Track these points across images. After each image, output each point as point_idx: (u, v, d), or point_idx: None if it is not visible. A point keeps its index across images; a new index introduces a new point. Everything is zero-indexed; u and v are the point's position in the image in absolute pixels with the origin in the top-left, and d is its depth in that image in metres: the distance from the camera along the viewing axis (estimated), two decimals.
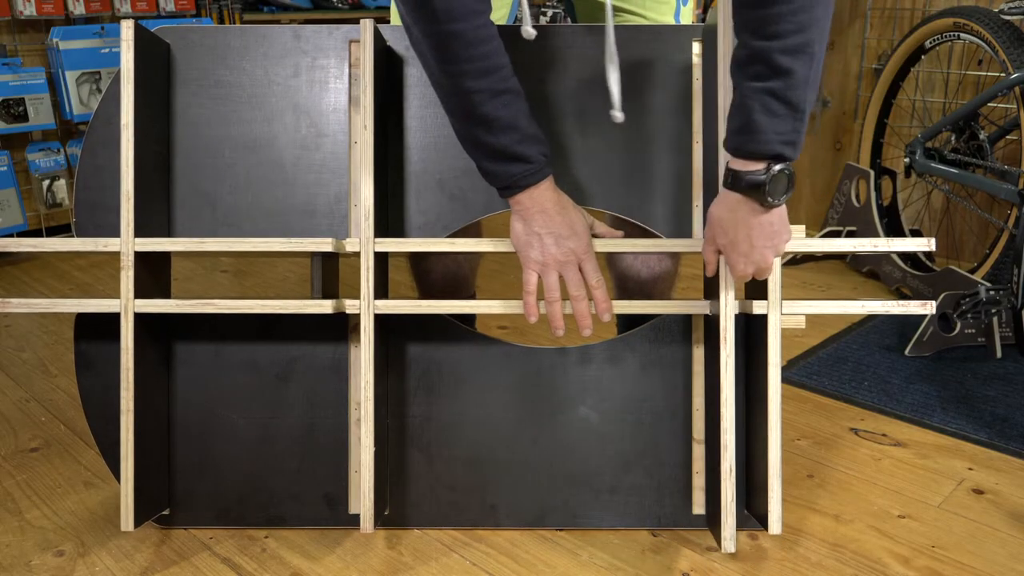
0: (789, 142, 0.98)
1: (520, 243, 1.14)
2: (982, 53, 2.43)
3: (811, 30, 0.93)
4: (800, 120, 0.97)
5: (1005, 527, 1.33)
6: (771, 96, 0.96)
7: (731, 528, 1.15)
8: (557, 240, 1.12)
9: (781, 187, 1.00)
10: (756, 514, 1.23)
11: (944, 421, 1.67)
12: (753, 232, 1.04)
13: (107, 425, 1.25)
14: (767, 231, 1.05)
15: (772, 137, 0.97)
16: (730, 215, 1.05)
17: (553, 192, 1.11)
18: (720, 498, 1.15)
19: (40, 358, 1.98)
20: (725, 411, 1.15)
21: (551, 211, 1.11)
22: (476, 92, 1.03)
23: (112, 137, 1.20)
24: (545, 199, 1.10)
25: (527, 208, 1.11)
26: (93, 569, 1.23)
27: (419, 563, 1.24)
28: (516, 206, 1.12)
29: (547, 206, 1.11)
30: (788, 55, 0.94)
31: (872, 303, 1.19)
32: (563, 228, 1.12)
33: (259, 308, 1.19)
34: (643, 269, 1.39)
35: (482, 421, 1.30)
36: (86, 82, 2.78)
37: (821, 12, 0.94)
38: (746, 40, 0.97)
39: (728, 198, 1.04)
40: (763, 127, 0.97)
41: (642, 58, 1.25)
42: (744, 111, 0.98)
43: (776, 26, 0.93)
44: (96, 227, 1.24)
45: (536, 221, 1.11)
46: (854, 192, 2.60)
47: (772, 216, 1.04)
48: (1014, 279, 1.83)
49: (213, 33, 1.26)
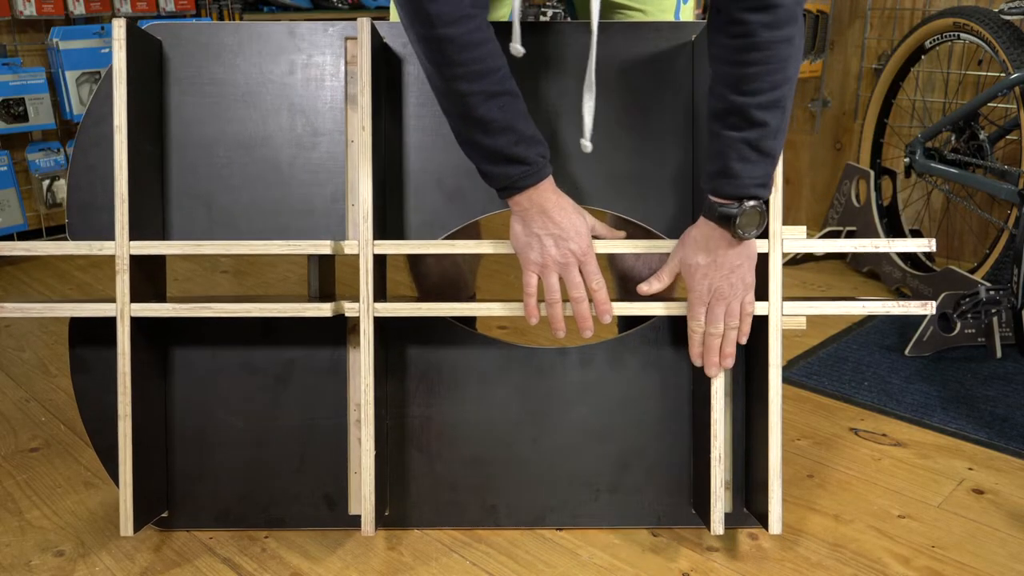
0: (762, 184, 1.07)
1: (519, 244, 1.14)
2: (982, 53, 2.43)
3: (784, 87, 1.03)
4: (772, 165, 1.08)
5: (1005, 527, 1.33)
6: (747, 146, 1.05)
7: (719, 512, 1.17)
8: (557, 241, 1.12)
9: (753, 222, 1.08)
10: (756, 513, 1.23)
11: (944, 421, 1.67)
12: (718, 259, 1.11)
13: (103, 428, 1.24)
14: (732, 263, 1.12)
15: (747, 182, 1.06)
16: (703, 241, 1.12)
17: (553, 193, 1.11)
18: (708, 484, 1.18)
19: (40, 358, 1.98)
20: (715, 402, 1.17)
21: (551, 212, 1.11)
22: (471, 94, 1.04)
23: (103, 136, 1.19)
24: (544, 200, 1.11)
25: (526, 209, 1.11)
26: (93, 569, 1.23)
27: (419, 563, 1.24)
28: (515, 207, 1.12)
29: (547, 207, 1.11)
30: (763, 110, 1.03)
31: (872, 303, 1.18)
32: (563, 230, 1.12)
33: (257, 312, 1.18)
34: (644, 270, 1.39)
35: (482, 421, 1.30)
36: (86, 82, 2.78)
37: (793, 70, 1.04)
38: (723, 93, 1.05)
39: (703, 225, 1.12)
40: (739, 173, 1.06)
41: (644, 55, 1.24)
42: (722, 158, 1.06)
43: (753, 84, 1.02)
44: (89, 228, 1.22)
45: (535, 222, 1.11)
46: (854, 192, 2.60)
47: (742, 251, 1.12)
48: (1014, 279, 1.83)
49: (206, 30, 1.25)
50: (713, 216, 1.09)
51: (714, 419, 1.18)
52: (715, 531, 1.18)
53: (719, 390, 1.17)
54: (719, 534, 1.19)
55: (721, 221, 1.08)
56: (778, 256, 1.16)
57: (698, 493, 1.27)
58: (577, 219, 1.13)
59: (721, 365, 1.16)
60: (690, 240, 1.14)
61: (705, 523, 1.21)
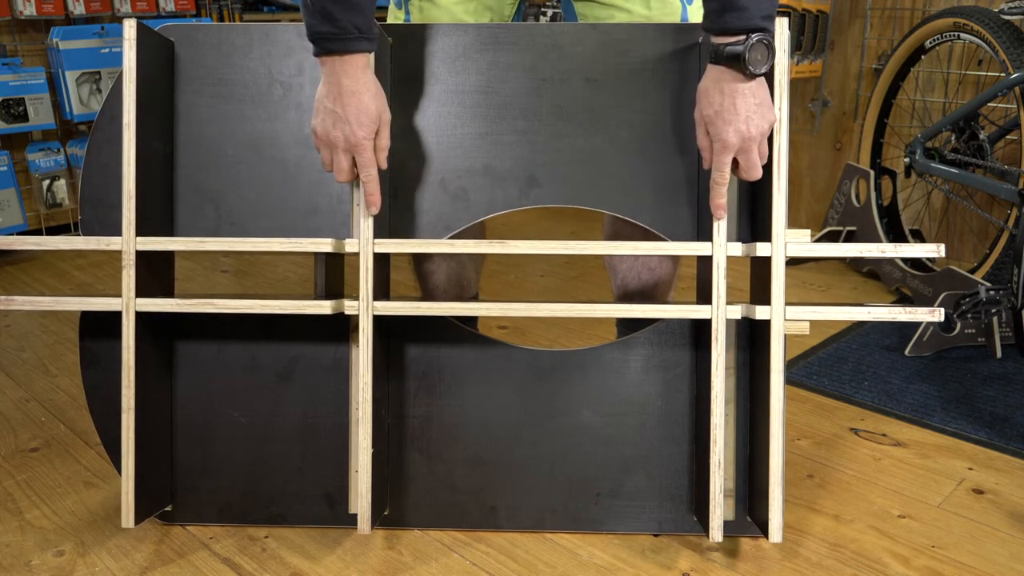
0: (768, 15, 1.05)
1: (315, 105, 1.14)
2: (982, 53, 2.44)
3: None
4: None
5: (1005, 527, 1.33)
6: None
7: (719, 519, 1.17)
8: (335, 121, 1.11)
9: (761, 55, 1.05)
10: (757, 521, 1.23)
11: (944, 421, 1.67)
12: (737, 100, 1.08)
13: (110, 421, 1.26)
14: (750, 102, 1.08)
15: (754, 13, 1.04)
16: (715, 85, 1.09)
17: (359, 72, 1.09)
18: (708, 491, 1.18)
19: (40, 358, 1.98)
20: (715, 407, 1.17)
21: (343, 91, 1.09)
22: None
23: (116, 134, 1.20)
24: (344, 75, 1.09)
25: (325, 75, 1.10)
26: (93, 569, 1.23)
27: (419, 563, 1.24)
28: (321, 67, 1.11)
29: (343, 83, 1.09)
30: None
31: (879, 310, 1.18)
32: (345, 111, 1.10)
33: (259, 308, 1.19)
34: (643, 271, 1.39)
35: (483, 422, 1.30)
36: (86, 82, 2.78)
37: None
38: None
39: (712, 71, 1.09)
40: (746, 5, 1.04)
41: (647, 57, 1.24)
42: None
43: None
44: (101, 224, 1.24)
45: (328, 93, 1.11)
46: (854, 192, 2.60)
47: (755, 87, 1.08)
48: (1014, 279, 1.83)
49: (217, 31, 1.27)
50: (721, 58, 1.06)
51: (714, 424, 1.17)
52: (714, 538, 1.17)
53: (719, 395, 1.17)
54: (718, 541, 1.19)
55: (730, 61, 1.05)
56: (781, 260, 1.14)
57: (699, 499, 1.27)
58: (367, 108, 1.11)
59: None
60: (702, 92, 1.11)
61: (704, 530, 1.21)
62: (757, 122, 1.09)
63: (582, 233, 2.92)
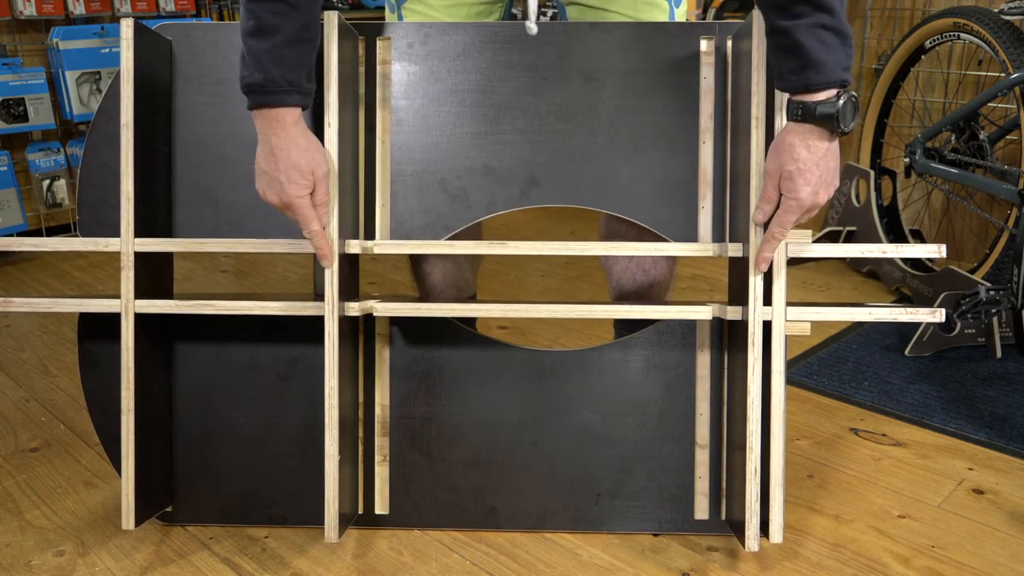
0: (847, 67, 1.05)
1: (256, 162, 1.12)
2: (982, 53, 2.44)
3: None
4: (850, 47, 1.04)
5: (1005, 527, 1.33)
6: (823, 30, 1.01)
7: (755, 528, 1.15)
8: (269, 182, 1.09)
9: (850, 113, 1.05)
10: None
11: (944, 421, 1.67)
12: (821, 160, 1.07)
13: (110, 422, 1.25)
14: (831, 165, 1.08)
15: (834, 67, 1.03)
16: (801, 141, 1.07)
17: (286, 126, 1.07)
18: (744, 499, 1.15)
19: (40, 358, 1.98)
20: (751, 413, 1.14)
21: (272, 147, 1.08)
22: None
23: (114, 134, 1.20)
24: (271, 132, 1.07)
25: (259, 133, 1.09)
26: (93, 569, 1.23)
27: (419, 563, 1.24)
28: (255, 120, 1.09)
29: (271, 140, 1.07)
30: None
31: (880, 310, 1.17)
32: (276, 170, 1.08)
33: (257, 309, 1.19)
34: (638, 272, 1.38)
35: (483, 423, 1.30)
36: (86, 82, 2.78)
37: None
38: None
39: (796, 128, 1.07)
40: (824, 60, 1.02)
41: (647, 56, 1.24)
42: (799, 49, 1.02)
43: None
44: (100, 224, 1.24)
45: (261, 152, 1.09)
46: (854, 192, 2.60)
47: (835, 150, 1.08)
48: (1014, 279, 1.83)
49: (215, 30, 1.26)
50: (811, 117, 1.04)
51: (750, 431, 1.14)
52: (749, 547, 1.14)
53: (755, 400, 1.14)
54: (754, 551, 1.16)
55: (822, 120, 1.04)
56: (782, 261, 1.14)
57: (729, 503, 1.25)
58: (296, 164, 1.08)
59: None
60: (785, 147, 1.08)
61: (741, 540, 1.18)
62: (828, 189, 1.09)
63: (582, 233, 2.92)
